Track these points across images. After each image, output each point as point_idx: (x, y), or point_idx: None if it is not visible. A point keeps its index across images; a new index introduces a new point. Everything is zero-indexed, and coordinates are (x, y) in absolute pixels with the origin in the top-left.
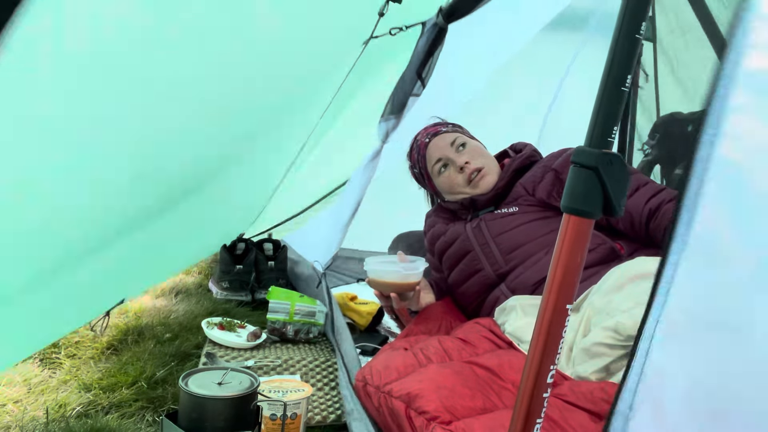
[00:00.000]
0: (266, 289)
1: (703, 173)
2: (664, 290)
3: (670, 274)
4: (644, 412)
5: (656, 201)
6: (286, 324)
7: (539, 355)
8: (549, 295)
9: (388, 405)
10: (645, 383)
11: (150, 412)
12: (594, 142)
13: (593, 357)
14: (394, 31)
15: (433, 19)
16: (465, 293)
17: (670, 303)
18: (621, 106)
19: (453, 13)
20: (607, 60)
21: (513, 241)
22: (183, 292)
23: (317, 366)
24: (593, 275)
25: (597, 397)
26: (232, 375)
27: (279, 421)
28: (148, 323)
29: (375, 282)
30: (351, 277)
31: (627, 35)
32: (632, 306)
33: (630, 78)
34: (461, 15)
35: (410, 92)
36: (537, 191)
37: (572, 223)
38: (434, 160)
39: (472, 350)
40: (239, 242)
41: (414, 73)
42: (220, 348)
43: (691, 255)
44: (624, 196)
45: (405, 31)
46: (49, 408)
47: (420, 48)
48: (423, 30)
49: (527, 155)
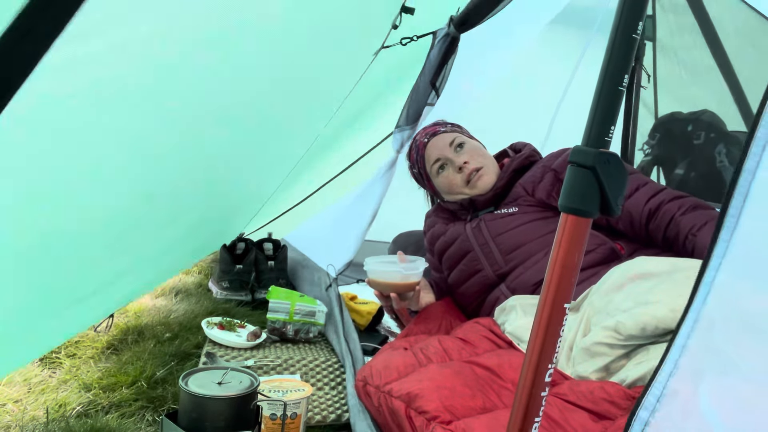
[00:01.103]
0: (266, 289)
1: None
2: (704, 291)
3: (711, 276)
4: (673, 406)
5: (656, 201)
6: (286, 324)
7: (537, 354)
8: (547, 294)
9: (388, 405)
10: (677, 377)
11: (150, 411)
12: (591, 141)
13: (593, 356)
14: (404, 41)
15: (445, 29)
16: (465, 293)
17: (710, 303)
18: (618, 105)
19: (464, 22)
20: (605, 59)
21: (513, 241)
22: (183, 292)
23: (317, 366)
24: (593, 275)
25: (597, 397)
26: (232, 375)
27: (279, 420)
28: (148, 323)
29: (375, 282)
30: (351, 277)
31: (624, 35)
32: (632, 306)
33: (627, 77)
34: (473, 24)
35: (425, 102)
36: (536, 191)
37: (570, 222)
38: (433, 160)
39: (472, 350)
40: (239, 242)
41: (428, 83)
42: (220, 348)
43: (733, 259)
44: (621, 195)
45: (416, 41)
46: (49, 408)
47: (433, 58)
48: (434, 40)
49: (526, 155)
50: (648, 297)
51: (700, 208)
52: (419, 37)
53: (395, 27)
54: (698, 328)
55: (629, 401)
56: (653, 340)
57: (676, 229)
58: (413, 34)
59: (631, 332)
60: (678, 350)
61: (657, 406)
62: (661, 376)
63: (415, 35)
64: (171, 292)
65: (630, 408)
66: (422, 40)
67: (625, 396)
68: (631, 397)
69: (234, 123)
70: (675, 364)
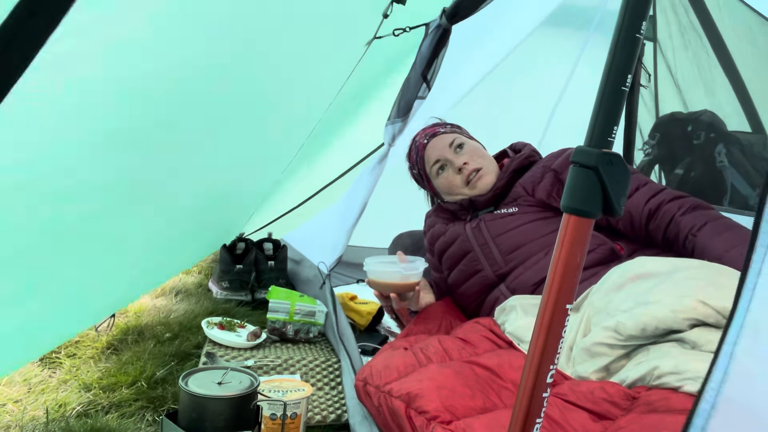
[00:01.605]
0: (266, 289)
1: None
2: (747, 296)
3: (753, 282)
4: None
5: (656, 201)
6: (286, 324)
7: (539, 355)
8: (549, 295)
9: (388, 405)
10: (729, 384)
11: (150, 411)
12: (594, 141)
13: (593, 357)
14: (397, 32)
15: (437, 21)
16: (465, 293)
17: (753, 310)
18: (621, 105)
19: (456, 14)
20: (608, 59)
21: (512, 241)
22: (183, 292)
23: (317, 366)
24: (593, 275)
25: (597, 397)
26: (232, 375)
27: (279, 420)
28: (148, 323)
29: (375, 282)
30: (351, 277)
31: (627, 34)
32: (632, 306)
33: (630, 77)
34: (464, 16)
35: (416, 95)
36: (536, 191)
37: (572, 223)
38: (433, 161)
39: (472, 350)
40: (239, 242)
41: (419, 76)
42: (220, 348)
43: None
44: (624, 195)
45: (408, 33)
46: (49, 408)
47: (424, 50)
48: (426, 31)
49: (526, 155)
50: (648, 297)
51: (700, 208)
52: (411, 29)
53: (386, 16)
54: (744, 335)
55: (629, 401)
56: (653, 341)
57: (676, 229)
58: (406, 25)
59: (632, 332)
60: (726, 357)
61: (712, 413)
62: (713, 383)
63: (407, 26)
64: (171, 292)
65: (630, 408)
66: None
67: (625, 396)
68: (631, 397)
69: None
70: (725, 371)
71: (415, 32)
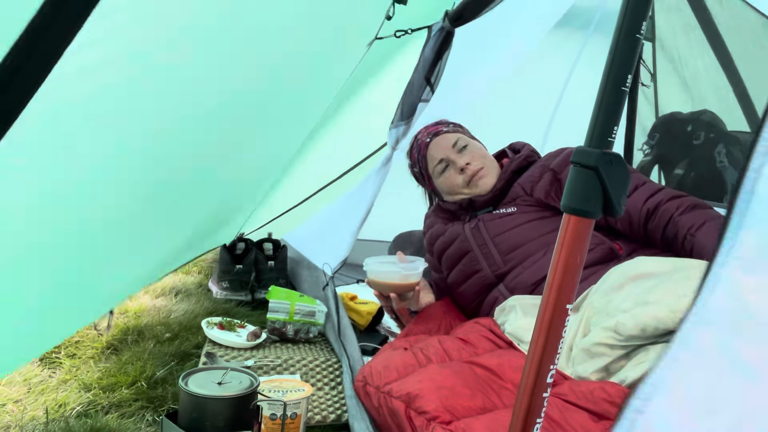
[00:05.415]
0: (266, 289)
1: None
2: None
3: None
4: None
5: (654, 201)
6: (286, 324)
7: (539, 355)
8: (549, 295)
9: (388, 405)
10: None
11: (150, 411)
12: (594, 141)
13: (593, 357)
14: (399, 34)
15: (440, 23)
16: (464, 293)
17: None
18: (621, 105)
19: (459, 17)
20: (608, 59)
21: (511, 241)
22: (183, 292)
23: (317, 366)
24: (592, 275)
25: (597, 397)
26: (232, 375)
27: (279, 420)
28: (148, 323)
29: (375, 282)
30: (351, 277)
31: (628, 34)
32: (632, 306)
33: (630, 77)
34: (468, 19)
35: (420, 98)
36: (535, 191)
37: (572, 223)
38: (436, 160)
39: (472, 350)
40: (239, 242)
41: (422, 79)
42: (220, 348)
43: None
44: (624, 195)
45: (410, 35)
46: (48, 408)
47: (427, 53)
48: (429, 34)
49: (525, 156)
50: (648, 297)
51: (698, 207)
52: (414, 31)
53: (389, 18)
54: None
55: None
56: (653, 341)
57: (674, 228)
58: (408, 27)
59: (631, 333)
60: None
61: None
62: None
63: (410, 28)
64: (171, 292)
65: None
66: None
67: (625, 396)
68: None
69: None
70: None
71: (417, 34)
